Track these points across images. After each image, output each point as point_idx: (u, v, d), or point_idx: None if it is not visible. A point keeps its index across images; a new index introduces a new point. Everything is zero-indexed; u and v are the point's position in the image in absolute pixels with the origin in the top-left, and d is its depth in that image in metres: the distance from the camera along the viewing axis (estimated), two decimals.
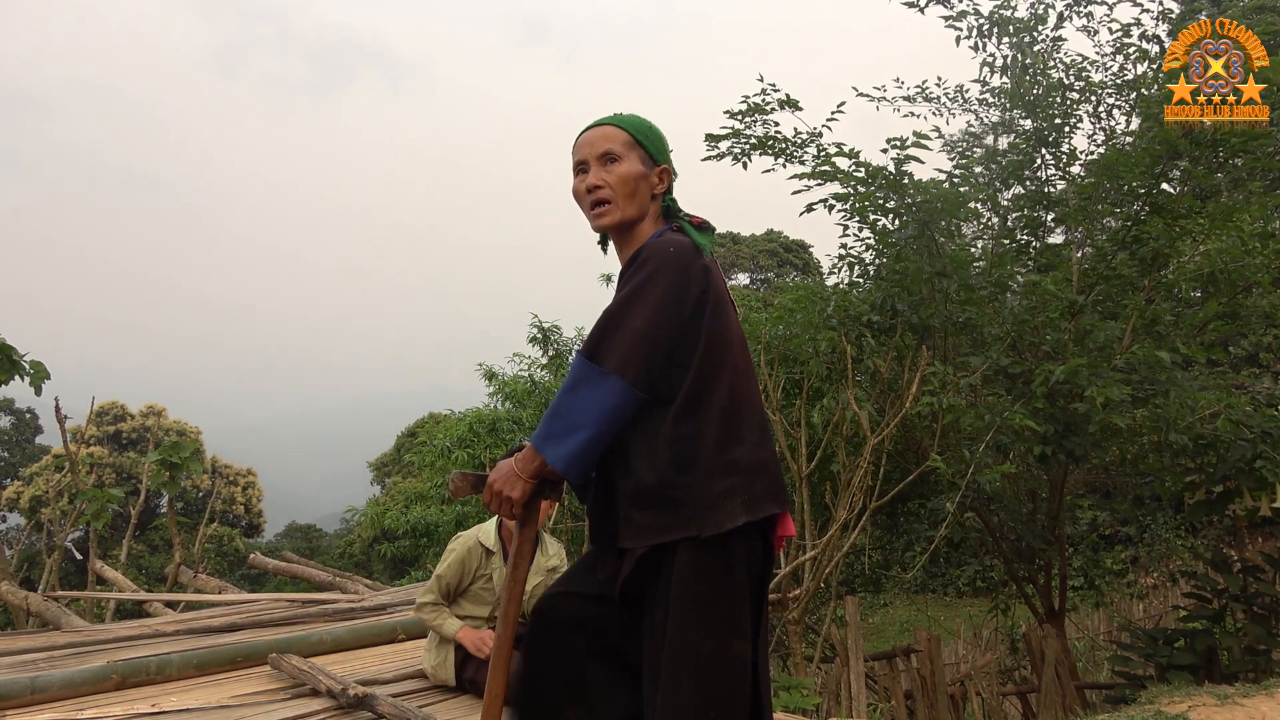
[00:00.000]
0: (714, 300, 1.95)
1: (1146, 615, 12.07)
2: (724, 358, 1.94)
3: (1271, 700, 4.32)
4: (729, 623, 1.86)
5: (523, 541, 2.04)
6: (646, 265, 1.90)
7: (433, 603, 3.51)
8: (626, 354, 1.83)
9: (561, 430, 1.84)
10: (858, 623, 6.51)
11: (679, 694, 1.81)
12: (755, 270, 36.06)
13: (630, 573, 1.95)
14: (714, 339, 1.93)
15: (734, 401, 1.93)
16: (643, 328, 1.84)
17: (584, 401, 1.83)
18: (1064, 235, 8.94)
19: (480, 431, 11.41)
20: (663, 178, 2.09)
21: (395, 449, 31.03)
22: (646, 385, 1.86)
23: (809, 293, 8.48)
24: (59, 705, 3.24)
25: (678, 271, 1.90)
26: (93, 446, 24.37)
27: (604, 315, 1.89)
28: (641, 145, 2.07)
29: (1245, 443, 5.99)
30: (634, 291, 1.88)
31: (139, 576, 17.16)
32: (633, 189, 2.04)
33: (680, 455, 1.87)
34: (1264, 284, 7.68)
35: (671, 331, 1.88)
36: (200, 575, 7.07)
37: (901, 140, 6.76)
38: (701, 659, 1.82)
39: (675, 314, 1.88)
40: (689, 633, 1.82)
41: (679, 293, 1.89)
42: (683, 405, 1.89)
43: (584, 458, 1.85)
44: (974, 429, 7.16)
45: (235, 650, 3.84)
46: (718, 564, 1.85)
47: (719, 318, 1.95)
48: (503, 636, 2.02)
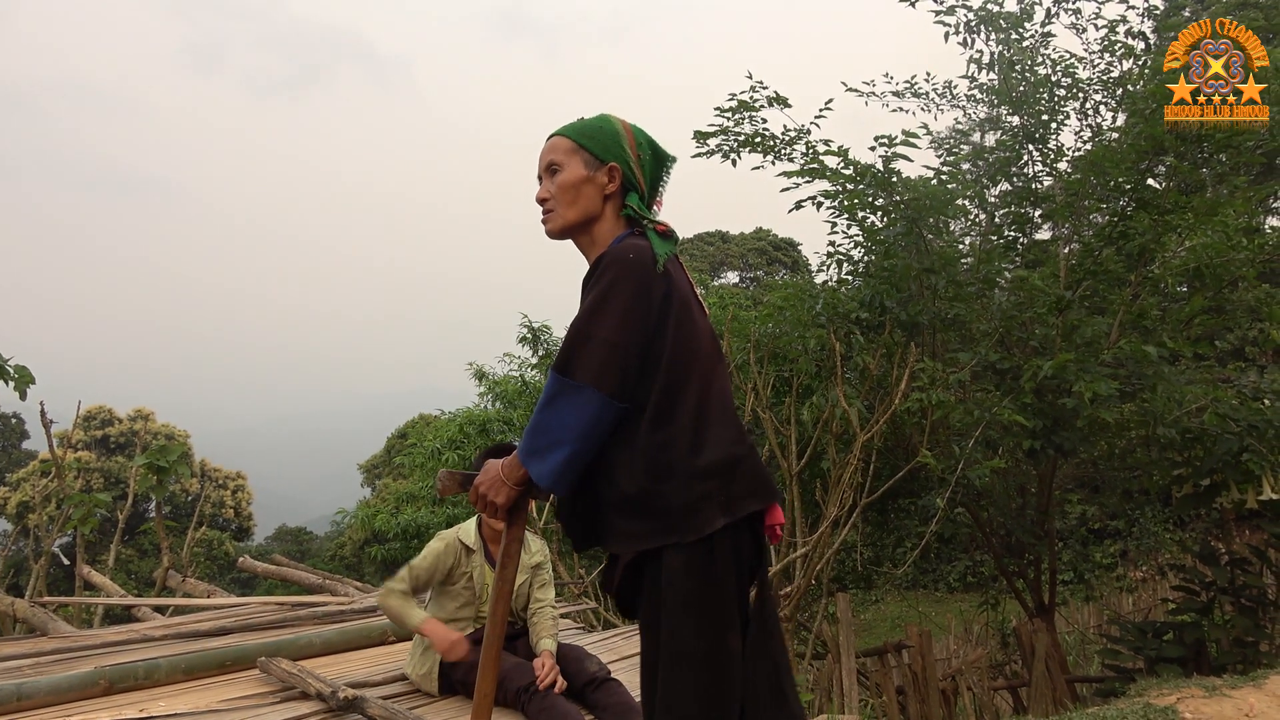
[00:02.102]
0: (678, 304, 1.94)
1: (1135, 608, 12.13)
2: (692, 361, 1.93)
3: (1259, 691, 4.35)
4: (720, 621, 1.88)
5: (510, 542, 2.05)
6: (607, 273, 1.89)
7: (401, 591, 3.39)
8: (599, 365, 1.83)
9: (543, 446, 1.85)
10: (849, 619, 6.52)
11: (675, 693, 1.84)
12: (744, 268, 36.12)
13: (621, 578, 1.98)
14: (680, 344, 1.92)
15: (704, 403, 1.93)
16: (612, 337, 1.84)
17: (562, 417, 1.83)
18: (1051, 231, 8.99)
19: (471, 432, 11.39)
20: (613, 175, 2.05)
21: (385, 450, 30.93)
22: (622, 394, 1.86)
23: (798, 290, 8.50)
24: (46, 711, 3.21)
25: (639, 278, 1.88)
26: (80, 451, 24.20)
27: (572, 328, 1.89)
28: (584, 148, 2.05)
29: (1232, 436, 6.03)
30: (598, 301, 1.87)
31: (127, 581, 17.03)
32: (573, 195, 2.03)
33: (655, 464, 1.87)
34: (1249, 278, 7.74)
35: (641, 338, 1.87)
36: (189, 579, 7.02)
37: (890, 139, 6.77)
38: (696, 659, 1.84)
39: (643, 320, 1.88)
40: (683, 633, 1.85)
41: (643, 298, 1.88)
42: (654, 414, 1.89)
43: (567, 474, 1.86)
44: (963, 425, 7.18)
45: (224, 654, 3.82)
46: (703, 565, 1.86)
47: (684, 321, 1.94)
48: (492, 636, 2.02)
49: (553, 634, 3.40)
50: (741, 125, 7.23)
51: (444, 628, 3.34)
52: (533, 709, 3.05)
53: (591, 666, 3.28)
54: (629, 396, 1.87)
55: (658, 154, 2.12)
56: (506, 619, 2.05)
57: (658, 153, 2.12)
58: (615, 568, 2.01)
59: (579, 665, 3.28)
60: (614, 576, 2.02)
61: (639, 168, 2.08)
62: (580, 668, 3.27)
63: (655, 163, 2.11)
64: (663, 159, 2.13)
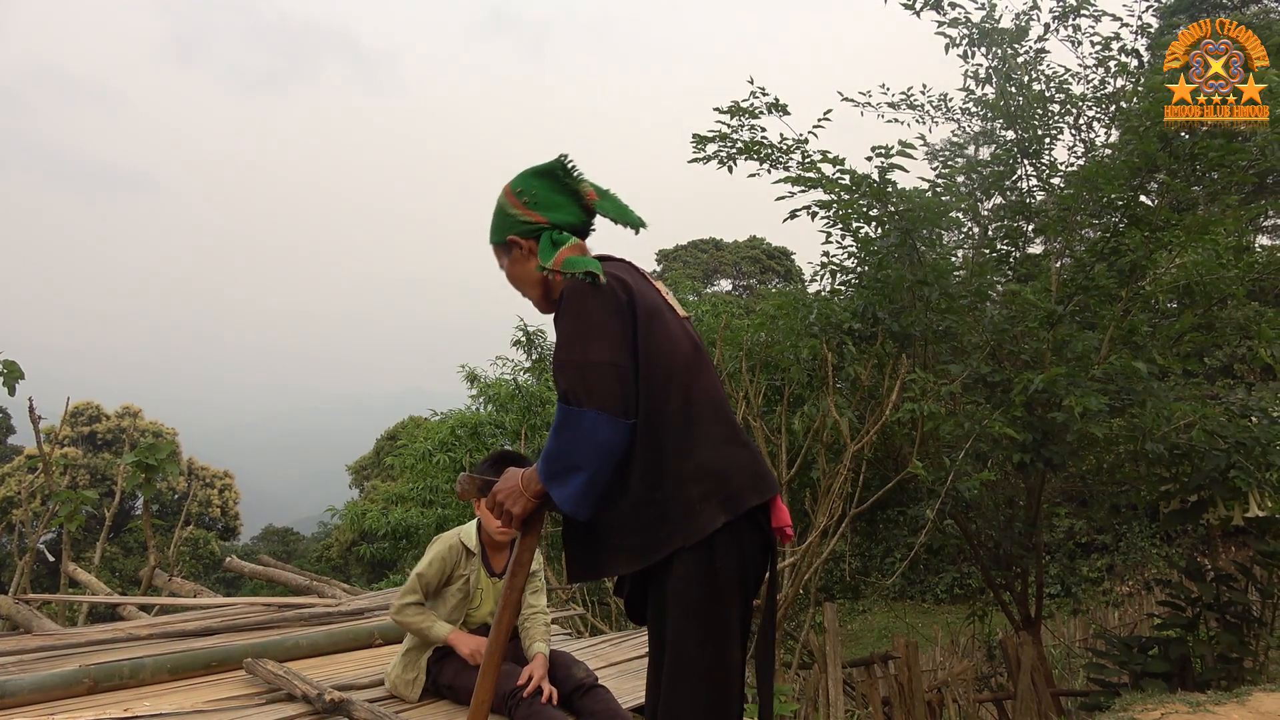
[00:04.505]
0: (644, 312, 1.96)
1: (1121, 623, 12.17)
2: (669, 363, 1.96)
3: (1243, 708, 4.37)
4: (722, 633, 1.91)
5: (522, 551, 2.07)
6: (570, 304, 1.94)
7: (415, 603, 3.35)
8: (595, 386, 1.86)
9: (561, 471, 1.88)
10: (836, 629, 6.53)
11: (678, 704, 1.89)
12: (738, 276, 36.21)
13: (631, 591, 2.07)
14: (653, 350, 1.94)
15: (689, 405, 1.95)
16: (598, 356, 1.88)
17: (574, 443, 1.87)
18: (1043, 245, 9.03)
19: (462, 435, 11.35)
20: (518, 244, 2.10)
21: (375, 452, 30.85)
22: (626, 410, 1.89)
23: (791, 300, 8.51)
24: (30, 710, 3.18)
25: (596, 296, 1.92)
26: (67, 447, 24.05)
27: (558, 361, 1.93)
28: (494, 245, 2.17)
29: (1219, 453, 6.06)
30: (573, 328, 1.92)
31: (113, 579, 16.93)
32: (519, 282, 2.16)
33: (649, 472, 1.90)
34: (1238, 296, 7.79)
35: (627, 349, 1.91)
36: (175, 578, 6.97)
37: (886, 149, 6.80)
38: (697, 671, 1.88)
39: (621, 332, 1.92)
40: (686, 644, 1.89)
41: (613, 313, 1.92)
42: (642, 422, 1.91)
43: (589, 496, 1.89)
44: (953, 437, 7.21)
45: (210, 654, 3.79)
46: (706, 572, 1.89)
47: (655, 328, 1.96)
48: (496, 642, 2.03)
49: (545, 639, 3.40)
50: (739, 132, 7.26)
51: (470, 637, 3.33)
52: (520, 714, 3.05)
53: (579, 673, 3.27)
54: (634, 411, 1.90)
55: (544, 175, 2.10)
56: (512, 626, 2.07)
57: (543, 174, 2.10)
58: (625, 578, 2.07)
59: (567, 671, 3.27)
60: (623, 585, 2.08)
61: (532, 209, 2.07)
62: (568, 674, 3.26)
63: (549, 184, 2.10)
64: (551, 172, 2.09)
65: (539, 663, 3.23)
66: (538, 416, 10.76)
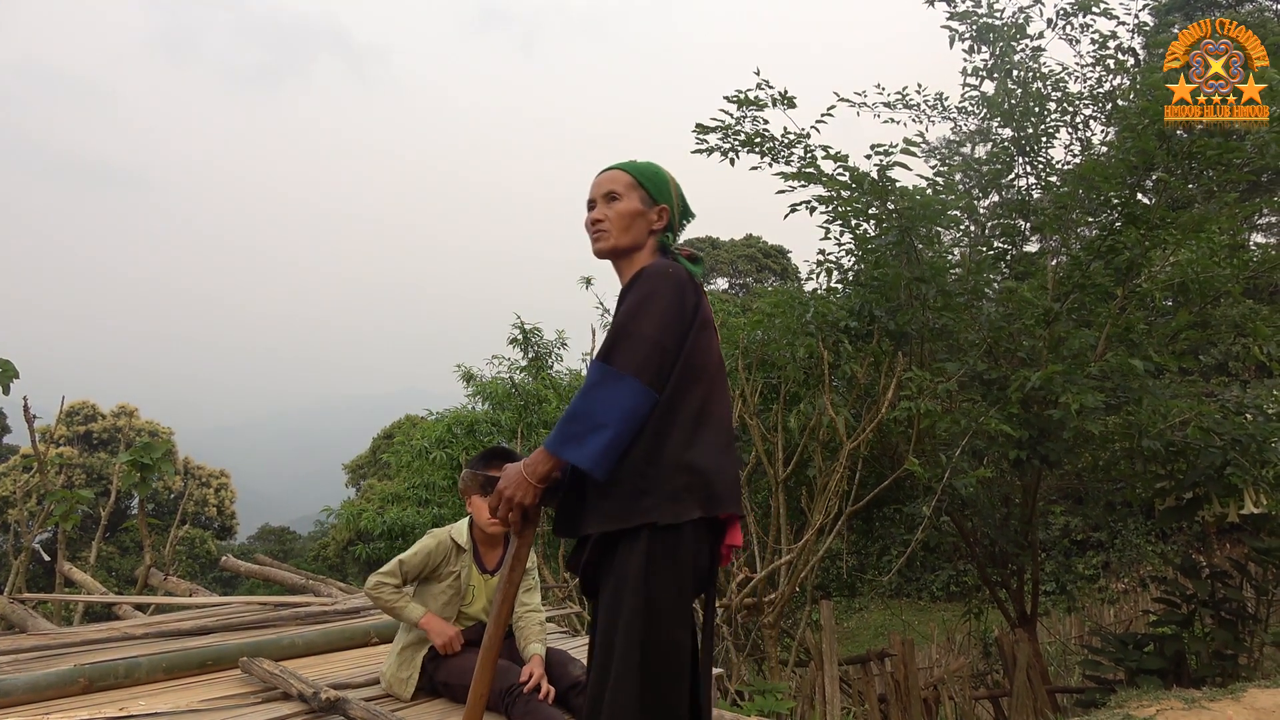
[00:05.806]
0: (701, 321, 2.12)
1: (1117, 620, 12.21)
2: (701, 373, 2.10)
3: (1238, 704, 4.38)
4: (676, 612, 2.00)
5: (520, 546, 2.08)
6: (650, 281, 2.08)
7: (392, 585, 3.37)
8: (641, 358, 1.99)
9: (582, 430, 1.96)
10: (832, 627, 6.53)
11: (625, 672, 1.95)
12: (734, 275, 36.18)
13: (591, 557, 2.10)
14: (694, 354, 2.09)
15: (704, 413, 2.09)
16: (653, 334, 2.01)
17: (605, 402, 1.97)
18: (1040, 243, 9.04)
19: (458, 433, 11.34)
20: (661, 215, 2.29)
21: (371, 451, 30.80)
22: (658, 387, 2.01)
23: (787, 298, 8.50)
24: (25, 709, 3.17)
25: (676, 288, 2.08)
26: (62, 447, 24.00)
27: (615, 325, 2.05)
28: (643, 187, 2.29)
29: (1215, 450, 6.08)
30: (641, 303, 2.04)
31: (108, 579, 16.90)
32: (628, 223, 2.26)
33: (650, 451, 2.01)
34: (1234, 294, 7.80)
35: (677, 339, 2.05)
36: (171, 578, 6.96)
37: (887, 147, 6.79)
38: (649, 642, 1.96)
39: (678, 324, 2.06)
40: (640, 615, 1.96)
41: (679, 306, 2.06)
42: (662, 407, 2.03)
43: (609, 454, 1.97)
44: (949, 434, 7.21)
45: (205, 654, 3.79)
46: (670, 553, 2.00)
47: (702, 337, 2.12)
48: (493, 636, 2.04)
49: (541, 638, 3.40)
50: (742, 124, 7.26)
51: (443, 622, 3.36)
52: (517, 711, 3.04)
53: (575, 670, 3.27)
54: (661, 389, 2.03)
55: (685, 208, 2.38)
56: (509, 622, 2.08)
57: (685, 206, 2.37)
58: (584, 547, 2.13)
59: (563, 669, 3.27)
60: (581, 555, 2.14)
61: (676, 213, 2.33)
62: (564, 671, 3.26)
63: (683, 213, 2.38)
64: (686, 212, 2.38)
65: (537, 662, 3.24)
66: (534, 414, 10.76)
